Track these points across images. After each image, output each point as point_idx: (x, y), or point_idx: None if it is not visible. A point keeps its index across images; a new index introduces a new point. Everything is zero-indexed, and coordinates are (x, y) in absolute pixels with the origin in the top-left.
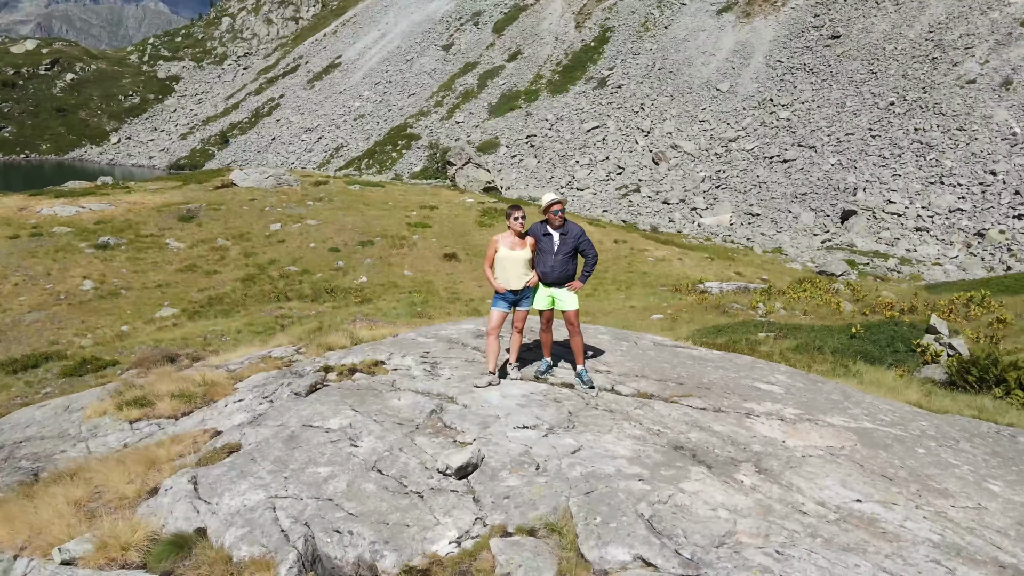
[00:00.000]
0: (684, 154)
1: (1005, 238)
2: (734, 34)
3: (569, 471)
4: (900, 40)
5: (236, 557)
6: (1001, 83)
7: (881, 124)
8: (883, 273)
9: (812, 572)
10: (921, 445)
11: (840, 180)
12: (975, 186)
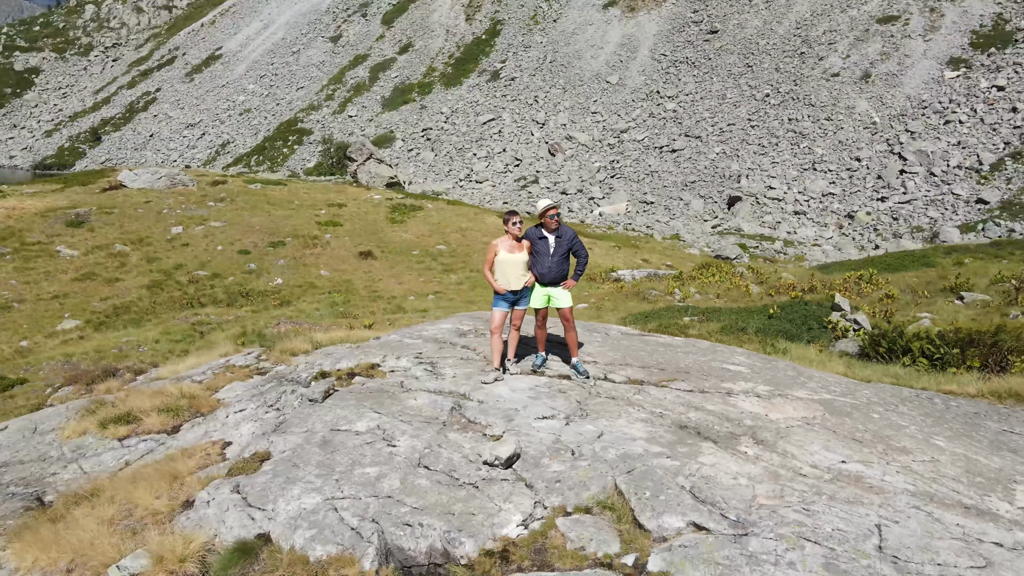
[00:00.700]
0: (579, 145)
1: (871, 219)
2: (620, 28)
3: (603, 454)
4: (771, 36)
5: (313, 557)
6: (861, 76)
7: (759, 115)
8: (771, 255)
9: (836, 522)
10: (872, 411)
11: (725, 168)
12: (843, 172)
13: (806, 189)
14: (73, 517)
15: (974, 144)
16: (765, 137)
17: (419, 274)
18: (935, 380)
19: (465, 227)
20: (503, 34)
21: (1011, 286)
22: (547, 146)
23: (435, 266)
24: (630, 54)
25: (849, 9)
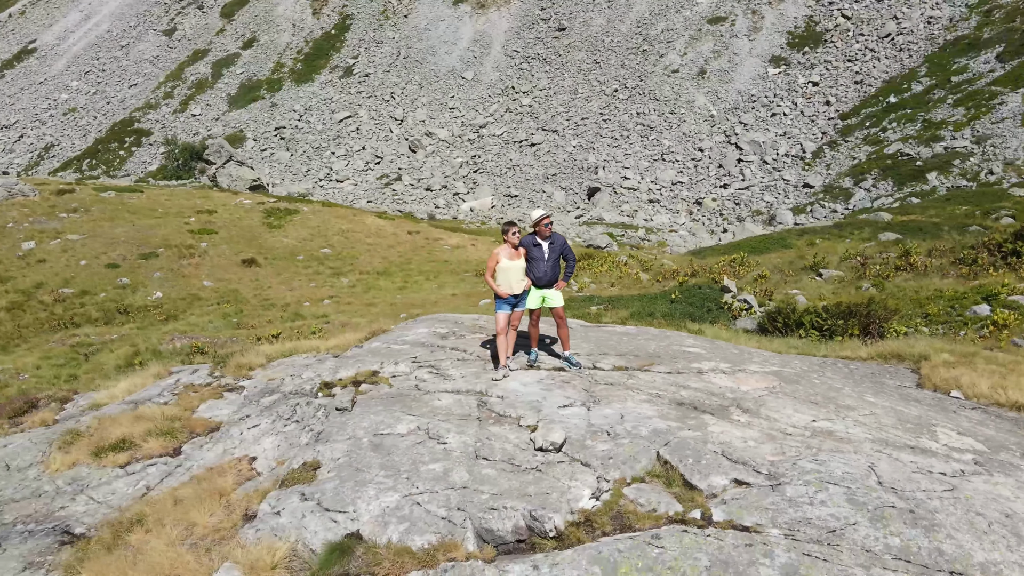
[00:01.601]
0: (439, 141)
1: (717, 205)
2: (472, 25)
3: (636, 431)
4: (615, 33)
5: (416, 546)
6: (698, 72)
7: (609, 109)
8: (636, 243)
9: (842, 467)
10: (811, 378)
11: (583, 160)
12: (689, 161)
13: (657, 178)
14: (135, 542)
15: (797, 134)
16: (617, 130)
17: (308, 279)
18: (830, 348)
19: (346, 229)
20: (353, 29)
21: (858, 262)
22: (407, 143)
23: (323, 270)
24: (484, 50)
25: (683, 10)
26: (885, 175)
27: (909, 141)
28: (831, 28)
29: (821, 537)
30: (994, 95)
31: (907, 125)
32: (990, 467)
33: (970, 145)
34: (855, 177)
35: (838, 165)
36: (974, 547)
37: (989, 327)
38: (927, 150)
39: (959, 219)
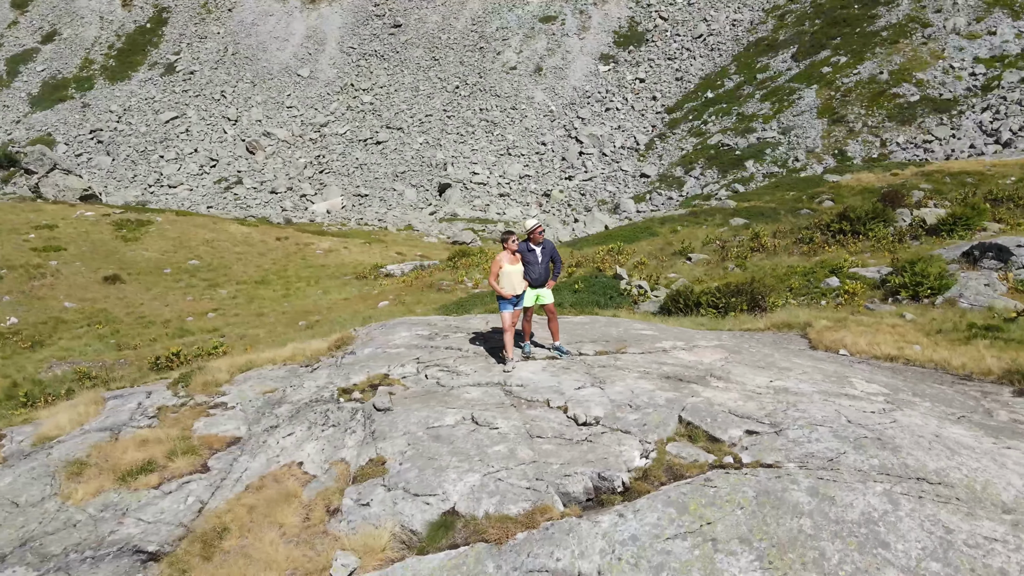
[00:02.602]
0: (279, 141)
1: (564, 196)
2: (303, 20)
3: (654, 402)
4: (451, 31)
5: (513, 513)
6: (535, 70)
7: (453, 106)
8: (496, 236)
9: (819, 413)
10: (745, 348)
11: (431, 157)
12: (534, 155)
13: (505, 173)
14: (230, 548)
15: (631, 127)
16: (462, 126)
17: (183, 293)
18: (731, 323)
19: (210, 238)
20: (172, 23)
21: (718, 246)
22: (244, 144)
23: (197, 283)
24: (318, 47)
25: (515, 8)
26: (710, 164)
27: (728, 133)
28: (651, 28)
29: (825, 464)
30: (793, 91)
31: (724, 118)
32: (899, 404)
33: (778, 135)
34: (685, 166)
35: (669, 155)
36: (926, 459)
37: (843, 296)
38: (743, 140)
39: (790, 203)
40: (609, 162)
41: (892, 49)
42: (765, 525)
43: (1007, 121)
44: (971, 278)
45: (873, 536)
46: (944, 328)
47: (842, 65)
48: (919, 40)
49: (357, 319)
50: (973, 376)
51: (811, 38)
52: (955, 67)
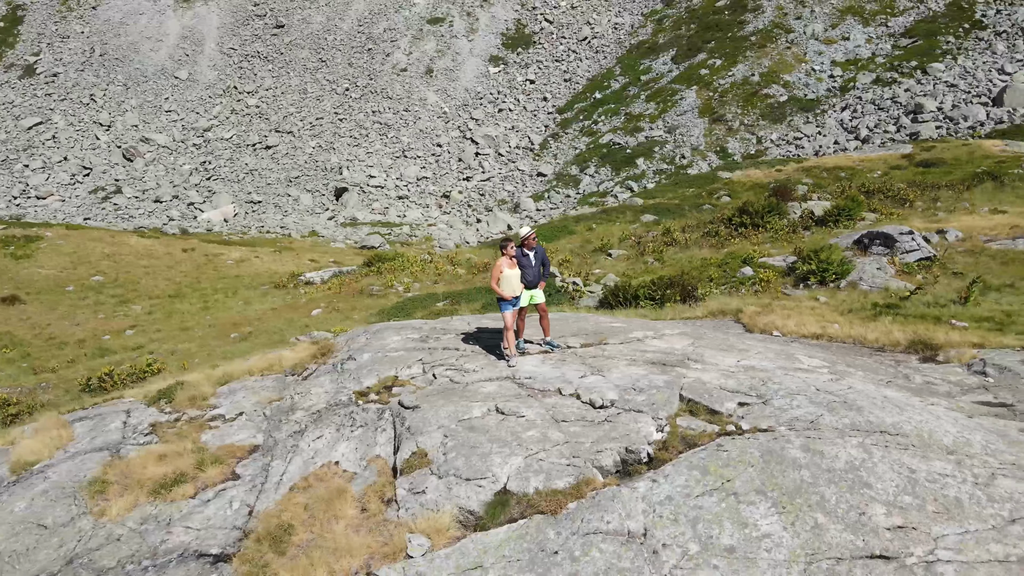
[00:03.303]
0: (159, 147)
1: (464, 197)
2: (177, 19)
3: (655, 384)
4: (337, 32)
5: (560, 486)
6: (425, 71)
7: (344, 108)
8: (404, 239)
9: (792, 384)
10: (704, 333)
11: (325, 161)
12: (430, 157)
13: (402, 175)
14: (301, 542)
15: (524, 128)
16: (355, 129)
17: (92, 311)
18: (671, 313)
19: (110, 253)
20: (28, 21)
21: (634, 241)
22: (121, 151)
23: (105, 300)
24: (196, 47)
25: (402, 10)
26: (604, 162)
27: (618, 132)
28: (538, 31)
29: (809, 426)
30: (675, 92)
31: (614, 118)
32: (840, 374)
33: (664, 134)
34: (580, 165)
35: (564, 155)
36: (884, 416)
37: (760, 283)
38: (633, 139)
39: (692, 200)
40: (506, 162)
41: (761, 53)
42: (773, 478)
43: (864, 119)
44: (866, 263)
45: (858, 480)
46: (854, 308)
47: (718, 68)
48: (784, 45)
49: (294, 328)
50: (885, 348)
51: (688, 42)
52: (816, 70)
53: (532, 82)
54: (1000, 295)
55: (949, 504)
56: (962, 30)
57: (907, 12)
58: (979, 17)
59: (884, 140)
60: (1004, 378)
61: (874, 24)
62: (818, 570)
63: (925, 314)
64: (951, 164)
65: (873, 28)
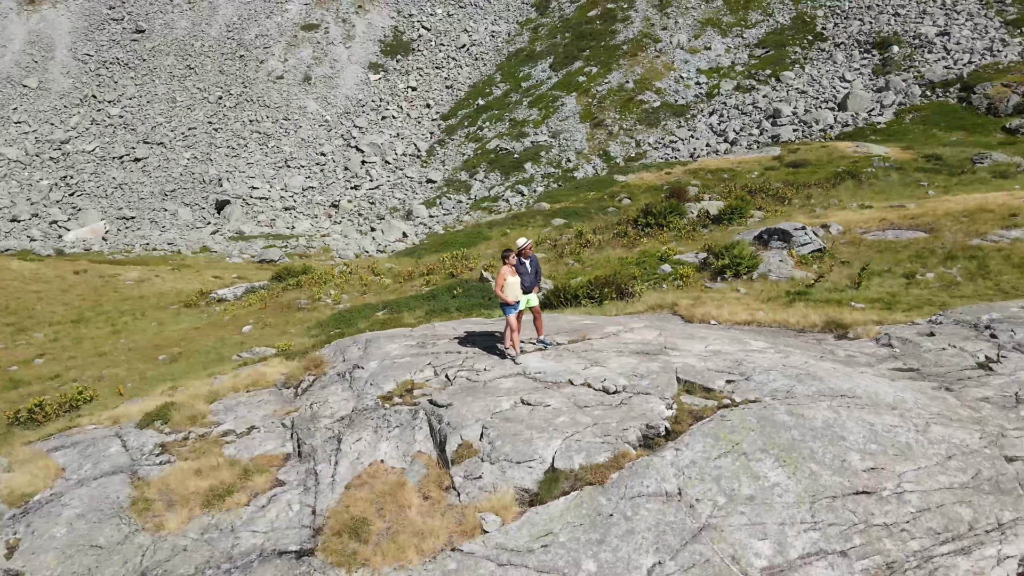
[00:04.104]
0: (11, 162)
1: (353, 206)
2: (23, 23)
3: (651, 371)
4: (205, 38)
5: (601, 460)
6: (303, 79)
7: (218, 117)
8: (303, 251)
9: (763, 362)
10: (663, 326)
11: (202, 173)
12: (315, 166)
13: (287, 186)
14: (381, 530)
15: (409, 135)
16: (232, 139)
17: None
18: (615, 309)
19: None
20: None
21: (550, 245)
22: None
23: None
24: (45, 53)
25: (274, 15)
26: (492, 167)
27: (504, 137)
28: (416, 38)
29: (787, 395)
30: (556, 98)
31: (498, 124)
32: (785, 353)
33: (549, 139)
34: (469, 171)
35: (452, 161)
36: (840, 383)
37: (681, 279)
38: (519, 144)
39: (596, 203)
40: (393, 169)
41: (633, 61)
42: (771, 439)
43: (731, 123)
44: (769, 256)
45: (834, 435)
46: (771, 296)
47: (594, 75)
48: (653, 53)
49: (229, 346)
50: (805, 329)
51: (564, 50)
52: (684, 77)
53: (414, 89)
54: (882, 279)
55: (902, 448)
56: (806, 41)
57: (758, 25)
58: (820, 29)
59: (750, 143)
60: (907, 348)
61: (731, 35)
62: (820, 507)
63: (829, 299)
64: (815, 164)
65: (731, 39)
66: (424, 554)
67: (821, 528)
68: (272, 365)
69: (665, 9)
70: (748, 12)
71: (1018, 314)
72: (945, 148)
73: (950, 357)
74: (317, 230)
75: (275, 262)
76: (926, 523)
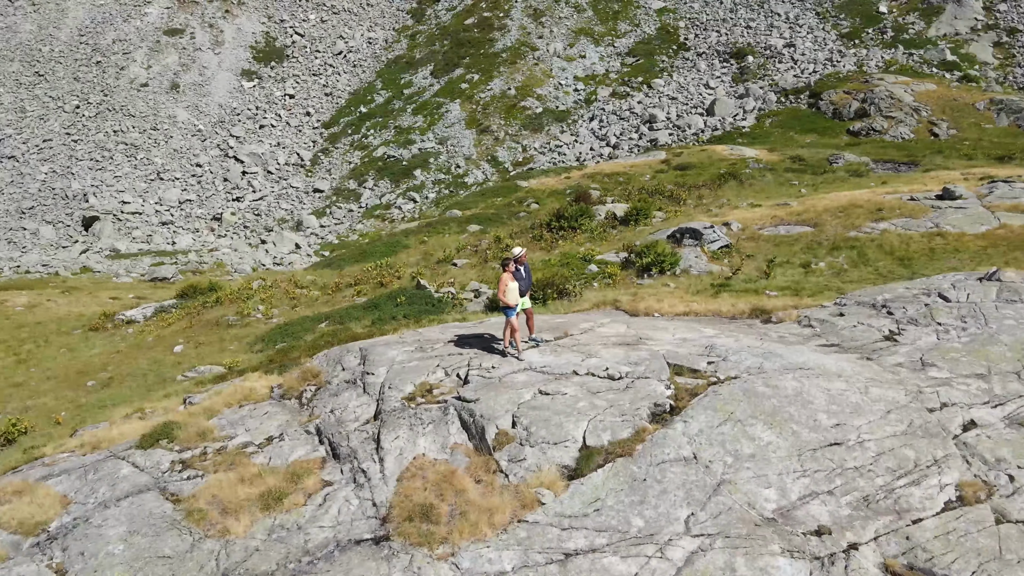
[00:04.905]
0: None
1: (238, 218)
2: None
3: (642, 359)
4: (54, 42)
5: (625, 436)
6: (171, 87)
7: (77, 128)
8: (195, 267)
9: (730, 344)
10: (628, 320)
11: (64, 188)
12: (191, 178)
13: (162, 199)
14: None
15: (291, 144)
16: (95, 151)
17: None
18: (563, 308)
19: None
20: None
21: (472, 251)
22: None
23: None
24: None
25: (132, 19)
26: (381, 175)
27: (391, 145)
28: (290, 44)
29: (759, 371)
30: (440, 105)
31: (384, 131)
32: (735, 337)
33: (436, 146)
34: (357, 179)
35: (338, 169)
36: (795, 357)
37: (610, 277)
38: (407, 152)
39: (505, 208)
40: (277, 180)
41: (513, 68)
42: (757, 407)
43: (611, 128)
44: (686, 254)
45: (804, 400)
46: (699, 289)
47: (476, 82)
48: (532, 61)
49: (166, 367)
50: (736, 317)
51: (444, 57)
52: (563, 84)
53: (292, 96)
54: (784, 270)
55: (854, 407)
56: (672, 50)
57: (627, 35)
58: (683, 40)
59: (631, 146)
60: (825, 327)
61: (603, 44)
62: (806, 458)
63: (747, 288)
64: (699, 167)
65: (603, 48)
66: (496, 527)
67: (810, 475)
68: (252, 380)
69: (540, 19)
70: (617, 22)
71: (904, 294)
72: (803, 149)
73: (862, 332)
74: (203, 245)
75: (169, 280)
76: (884, 464)
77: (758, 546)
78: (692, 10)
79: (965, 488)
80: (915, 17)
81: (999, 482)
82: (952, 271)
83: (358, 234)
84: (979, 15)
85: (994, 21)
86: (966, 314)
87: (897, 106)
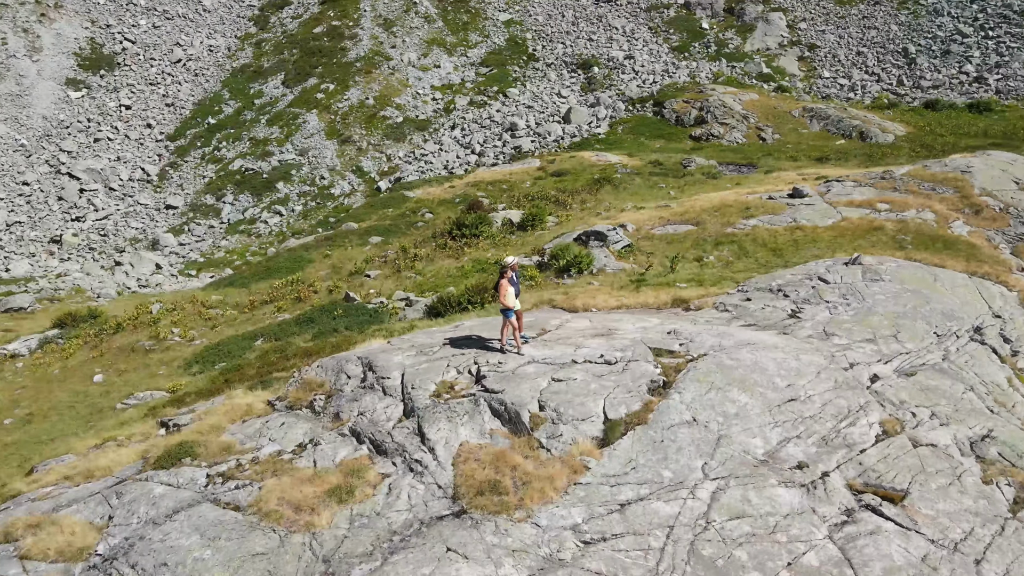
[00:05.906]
0: None
1: (81, 239)
2: None
3: (626, 346)
4: None
5: (636, 408)
6: None
7: None
8: (50, 295)
9: (692, 330)
10: (591, 316)
11: None
12: (17, 197)
13: None
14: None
15: (133, 158)
16: None
17: None
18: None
19: None
20: None
21: (382, 261)
22: None
23: None
24: None
25: None
26: (241, 188)
27: (247, 157)
28: (120, 52)
29: (721, 348)
30: (296, 115)
31: (237, 143)
32: (694, 322)
33: (297, 157)
34: (214, 194)
35: (192, 184)
36: (744, 336)
37: (531, 279)
38: (266, 164)
39: (401, 219)
40: (122, 197)
41: (369, 78)
42: (729, 376)
43: (474, 136)
44: (597, 254)
45: (761, 369)
46: (622, 285)
47: (332, 92)
48: (387, 71)
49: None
50: (662, 307)
51: (295, 66)
52: (421, 93)
53: (128, 107)
54: (683, 264)
55: (795, 370)
56: (523, 61)
57: (479, 45)
58: (532, 50)
59: (496, 154)
60: (740, 311)
61: (456, 55)
62: (776, 412)
63: (660, 282)
64: (573, 173)
65: (457, 58)
66: (559, 491)
67: (781, 425)
68: (240, 397)
69: (391, 28)
70: (468, 33)
71: (792, 279)
72: (657, 154)
73: (771, 313)
74: (46, 270)
75: (27, 309)
76: (828, 411)
77: (761, 481)
78: (537, 22)
79: (886, 424)
80: (732, 33)
81: (906, 418)
82: (816, 258)
83: (224, 251)
84: (784, 32)
85: (797, 38)
86: (846, 292)
87: (729, 114)
